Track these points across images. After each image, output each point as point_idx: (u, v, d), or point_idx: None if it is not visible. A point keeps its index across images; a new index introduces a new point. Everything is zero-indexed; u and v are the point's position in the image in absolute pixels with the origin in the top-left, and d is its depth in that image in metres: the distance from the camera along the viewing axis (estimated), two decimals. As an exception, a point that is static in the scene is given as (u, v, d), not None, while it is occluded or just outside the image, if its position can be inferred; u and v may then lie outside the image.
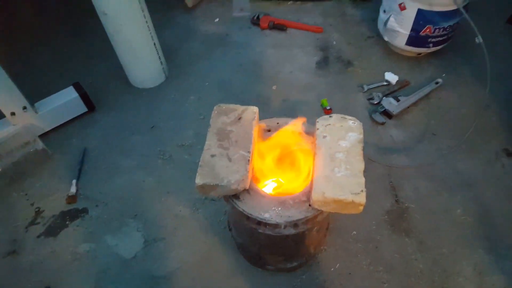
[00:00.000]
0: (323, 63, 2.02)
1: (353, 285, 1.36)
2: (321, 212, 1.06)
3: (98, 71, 2.01)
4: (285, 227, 1.05)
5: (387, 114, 1.79)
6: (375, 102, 1.83)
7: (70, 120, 1.78)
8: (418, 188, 1.58)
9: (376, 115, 1.78)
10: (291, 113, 1.63)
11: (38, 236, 1.47)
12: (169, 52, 2.03)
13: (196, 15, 2.29)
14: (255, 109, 1.16)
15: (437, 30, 1.80)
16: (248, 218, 1.06)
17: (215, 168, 1.04)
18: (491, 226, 1.49)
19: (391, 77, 1.92)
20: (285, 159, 1.22)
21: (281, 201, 1.07)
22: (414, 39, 1.87)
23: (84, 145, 1.72)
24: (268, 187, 1.21)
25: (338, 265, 1.40)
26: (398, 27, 1.86)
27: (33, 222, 1.51)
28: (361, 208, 1.01)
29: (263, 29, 2.17)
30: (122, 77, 1.93)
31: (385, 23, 1.91)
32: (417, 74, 1.96)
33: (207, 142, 1.10)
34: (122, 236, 1.47)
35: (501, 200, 1.54)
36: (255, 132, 1.12)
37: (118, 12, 1.58)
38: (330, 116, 1.15)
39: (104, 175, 1.63)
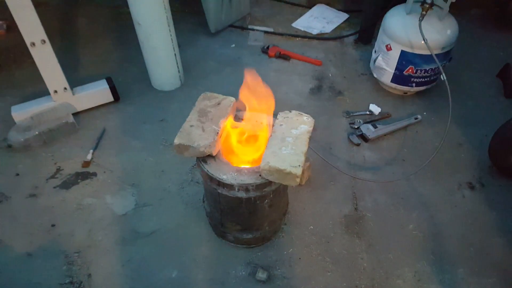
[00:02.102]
0: (316, 90, 2.33)
1: (301, 268, 1.56)
2: (269, 182, 1.31)
3: (129, 72, 2.42)
4: (238, 189, 1.31)
5: (363, 138, 2.04)
6: (355, 127, 2.09)
7: (98, 105, 2.17)
8: (377, 201, 1.79)
9: (353, 137, 2.03)
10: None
11: (55, 187, 1.81)
12: (188, 66, 2.41)
13: (216, 40, 2.70)
14: (232, 99, 1.47)
15: (419, 71, 2.07)
16: (211, 179, 1.33)
17: (191, 134, 1.34)
18: (439, 244, 1.65)
19: (375, 109, 2.18)
20: (252, 146, 1.50)
21: (238, 169, 1.34)
22: (398, 78, 2.14)
23: (104, 125, 2.08)
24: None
25: (291, 250, 1.62)
26: (385, 65, 2.15)
27: (53, 176, 1.85)
28: (297, 180, 1.25)
29: (270, 57, 2.53)
30: (146, 79, 2.33)
31: (374, 61, 2.21)
32: (400, 110, 2.21)
33: (189, 117, 1.40)
34: (119, 197, 1.78)
35: (455, 225, 1.71)
36: (228, 115, 1.42)
37: (149, 24, 1.99)
38: (290, 111, 1.44)
39: (115, 150, 1.97)
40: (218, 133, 1.35)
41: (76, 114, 2.10)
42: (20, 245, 1.61)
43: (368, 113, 2.18)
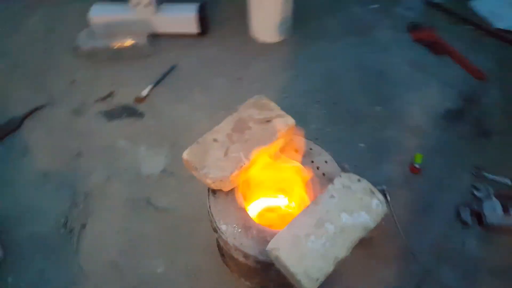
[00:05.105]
0: (454, 115, 1.64)
1: None
2: (273, 264, 0.91)
3: (231, 5, 2.00)
4: (235, 249, 0.95)
5: (479, 217, 1.39)
6: (477, 195, 1.43)
7: (180, 35, 1.84)
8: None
9: (465, 210, 1.40)
10: (375, 154, 1.43)
11: (99, 112, 1.66)
12: (301, 18, 1.90)
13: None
14: (290, 121, 1.01)
15: None
16: (211, 218, 0.99)
17: (207, 153, 0.97)
18: None
19: (523, 181, 1.45)
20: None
21: (247, 225, 0.95)
22: None
23: (177, 61, 1.79)
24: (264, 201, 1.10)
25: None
26: None
27: (103, 99, 1.69)
28: (308, 296, 0.83)
29: (415, 40, 1.83)
30: (245, 21, 1.89)
31: None
32: None
33: (220, 124, 1.02)
34: (152, 153, 1.55)
35: None
36: (273, 145, 0.98)
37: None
38: (359, 180, 0.93)
39: (173, 96, 1.70)
40: (242, 166, 0.94)
41: (152, 36, 1.83)
42: (42, 162, 1.55)
43: (510, 183, 1.46)
